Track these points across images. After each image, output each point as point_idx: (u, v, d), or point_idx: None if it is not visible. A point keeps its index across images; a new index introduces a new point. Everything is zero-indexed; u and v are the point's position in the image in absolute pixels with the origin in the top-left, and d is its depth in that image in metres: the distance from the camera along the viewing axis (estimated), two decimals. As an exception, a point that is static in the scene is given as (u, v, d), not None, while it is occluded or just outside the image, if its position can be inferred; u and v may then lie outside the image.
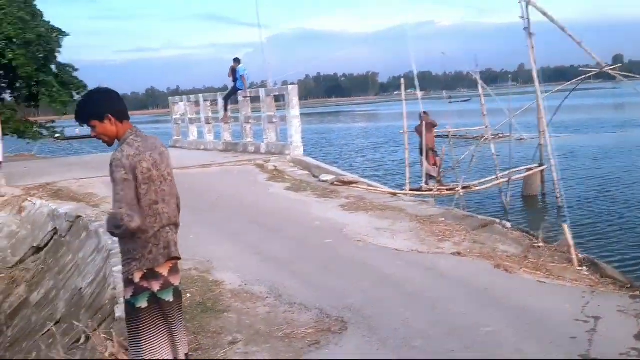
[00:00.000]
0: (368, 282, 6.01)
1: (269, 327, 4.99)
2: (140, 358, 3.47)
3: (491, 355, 4.24)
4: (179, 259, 3.62)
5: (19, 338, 8.30)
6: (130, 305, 3.48)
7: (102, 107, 3.45)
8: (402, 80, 14.97)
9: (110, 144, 3.51)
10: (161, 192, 3.47)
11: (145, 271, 3.45)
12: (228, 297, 5.78)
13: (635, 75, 16.54)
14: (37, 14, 29.01)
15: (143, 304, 3.45)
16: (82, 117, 3.48)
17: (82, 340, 6.00)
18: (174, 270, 3.58)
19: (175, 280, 3.59)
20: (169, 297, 3.52)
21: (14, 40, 26.66)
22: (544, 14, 14.97)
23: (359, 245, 7.42)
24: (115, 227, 3.36)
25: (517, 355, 4.21)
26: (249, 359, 4.41)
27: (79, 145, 36.70)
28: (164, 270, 3.51)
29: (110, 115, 3.44)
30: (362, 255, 6.99)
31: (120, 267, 6.92)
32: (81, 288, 7.71)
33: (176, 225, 3.61)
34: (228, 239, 8.15)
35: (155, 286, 3.47)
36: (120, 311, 5.75)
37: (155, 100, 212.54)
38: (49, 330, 7.50)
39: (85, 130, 3.64)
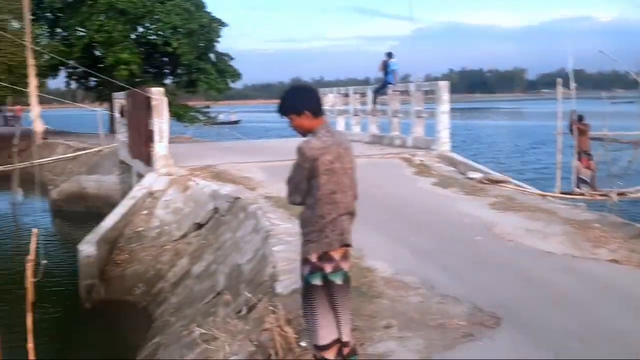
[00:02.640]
0: (520, 281, 6.04)
1: (421, 315, 5.18)
2: (312, 330, 3.81)
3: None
4: (350, 246, 3.91)
5: (182, 305, 9.08)
6: (306, 282, 3.82)
7: (301, 103, 3.81)
8: (559, 80, 14.46)
9: (303, 136, 3.86)
10: (340, 183, 3.78)
11: (320, 253, 3.77)
12: (381, 284, 6.03)
13: None
14: (200, 5, 31.01)
15: (317, 282, 3.78)
16: (283, 111, 3.87)
17: (243, 312, 6.52)
18: (345, 256, 3.86)
19: (346, 266, 3.86)
20: (338, 280, 3.79)
21: (179, 29, 28.74)
22: None
23: (509, 245, 7.42)
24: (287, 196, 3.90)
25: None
26: (404, 344, 4.64)
27: (228, 131, 38.74)
28: (336, 255, 3.79)
29: (307, 111, 3.79)
30: (513, 255, 7.00)
31: (279, 247, 7.48)
32: (240, 264, 8.28)
33: (352, 214, 3.90)
34: (377, 229, 8.38)
35: (328, 268, 3.77)
36: (281, 287, 6.20)
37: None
38: (210, 300, 8.20)
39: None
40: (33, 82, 3.83)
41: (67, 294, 11.46)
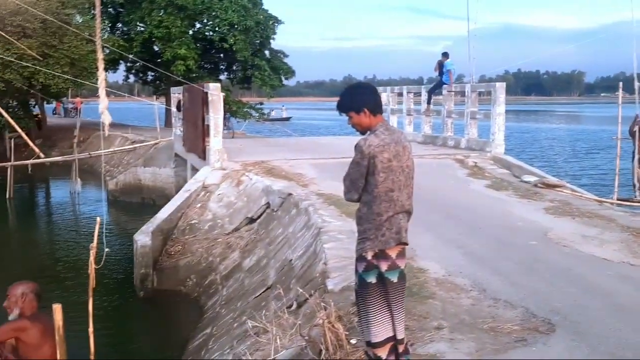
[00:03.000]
0: (575, 288, 5.92)
1: (473, 318, 5.14)
2: (366, 327, 3.84)
3: None
4: (407, 244, 3.92)
5: (232, 298, 9.24)
6: (361, 279, 3.85)
7: (360, 101, 3.85)
8: (620, 83, 14.08)
9: (362, 133, 3.89)
10: (397, 181, 3.79)
11: (376, 251, 3.79)
12: (432, 285, 6.01)
13: None
14: (256, 2, 31.26)
15: (372, 279, 3.80)
16: (342, 108, 3.91)
17: (294, 307, 6.59)
18: (401, 254, 3.87)
19: (402, 264, 3.87)
20: (394, 278, 3.80)
21: (236, 26, 29.08)
22: None
23: (564, 251, 7.28)
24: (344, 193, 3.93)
25: None
26: (455, 346, 4.62)
27: (280, 127, 39.10)
28: (393, 253, 3.81)
29: (366, 109, 3.83)
30: (568, 261, 6.87)
31: (330, 245, 7.51)
32: (291, 259, 8.38)
33: (408, 213, 3.90)
34: (429, 230, 8.34)
35: (384, 266, 3.79)
36: (332, 284, 6.25)
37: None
38: (261, 293, 8.32)
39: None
40: (102, 75, 3.96)
41: (122, 281, 11.79)
